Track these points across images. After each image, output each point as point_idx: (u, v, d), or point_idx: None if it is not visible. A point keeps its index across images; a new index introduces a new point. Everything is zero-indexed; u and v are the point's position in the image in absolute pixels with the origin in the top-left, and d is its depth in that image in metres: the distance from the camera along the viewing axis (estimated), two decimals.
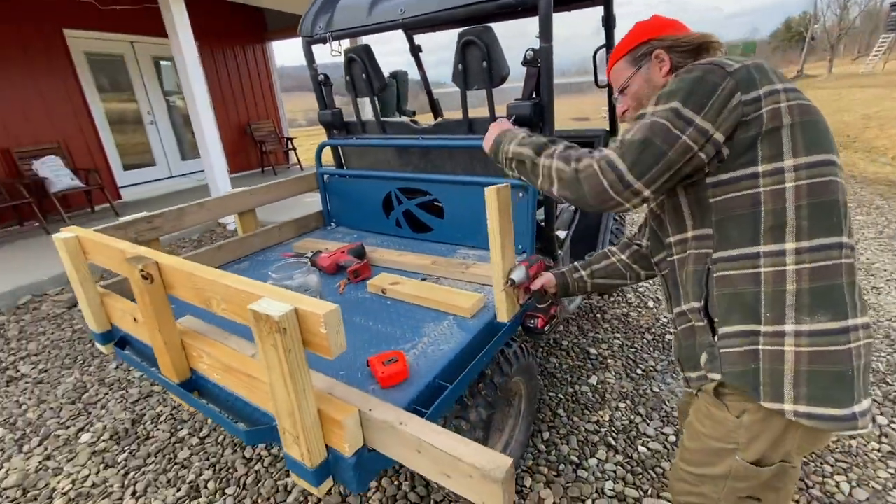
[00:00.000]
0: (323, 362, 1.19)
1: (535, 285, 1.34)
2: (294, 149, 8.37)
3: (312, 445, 0.86)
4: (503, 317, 1.35)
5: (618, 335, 2.65)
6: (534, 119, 1.58)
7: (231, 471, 1.85)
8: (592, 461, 1.81)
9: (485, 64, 1.60)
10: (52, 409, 2.32)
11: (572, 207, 2.19)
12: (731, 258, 0.85)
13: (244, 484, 1.78)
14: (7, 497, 1.79)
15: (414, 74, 2.84)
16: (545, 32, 1.46)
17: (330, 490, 1.71)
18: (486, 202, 1.21)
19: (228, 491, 1.76)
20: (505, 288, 1.30)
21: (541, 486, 1.70)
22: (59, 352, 2.86)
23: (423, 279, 1.58)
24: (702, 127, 0.79)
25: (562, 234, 2.02)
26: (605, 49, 2.25)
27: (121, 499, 1.76)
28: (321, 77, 2.11)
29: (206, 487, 1.79)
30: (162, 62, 6.76)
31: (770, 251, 0.81)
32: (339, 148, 2.29)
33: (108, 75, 6.12)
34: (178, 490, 1.78)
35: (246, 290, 0.86)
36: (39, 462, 1.96)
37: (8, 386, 2.54)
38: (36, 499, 1.78)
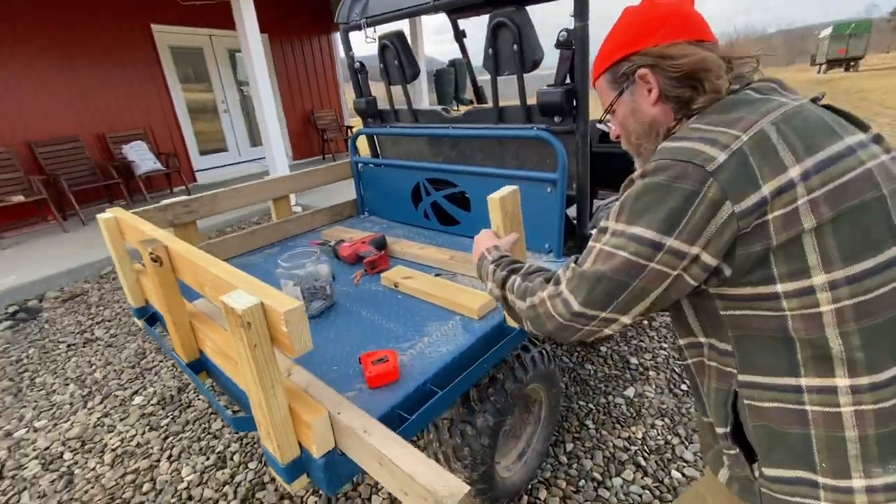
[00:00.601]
0: (319, 353, 1.18)
1: None
2: None
3: (283, 442, 0.84)
4: (512, 321, 1.26)
5: (664, 345, 2.43)
6: (564, 107, 1.45)
7: (255, 446, 1.93)
8: (617, 481, 1.67)
9: (515, 47, 1.48)
10: (115, 371, 2.56)
11: (614, 204, 2.01)
12: (763, 386, 0.64)
13: (265, 461, 1.85)
14: (69, 447, 2.00)
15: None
16: (580, 10, 1.33)
17: None
18: (490, 212, 1.12)
19: (251, 465, 1.84)
20: None
21: (556, 500, 1.60)
22: (128, 319, 3.15)
23: (437, 275, 1.53)
24: (676, 249, 0.60)
25: None
26: None
27: (158, 461, 1.90)
28: (357, 65, 2.10)
29: (231, 459, 1.88)
30: (237, 54, 7.18)
31: (816, 387, 0.60)
32: (375, 136, 2.27)
33: (188, 67, 6.62)
34: (208, 459, 1.89)
35: (226, 279, 0.86)
36: (98, 418, 2.17)
37: (84, 347, 2.84)
38: (90, 451, 1.97)
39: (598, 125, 0.85)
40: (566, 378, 2.23)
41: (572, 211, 1.70)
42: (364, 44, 2.08)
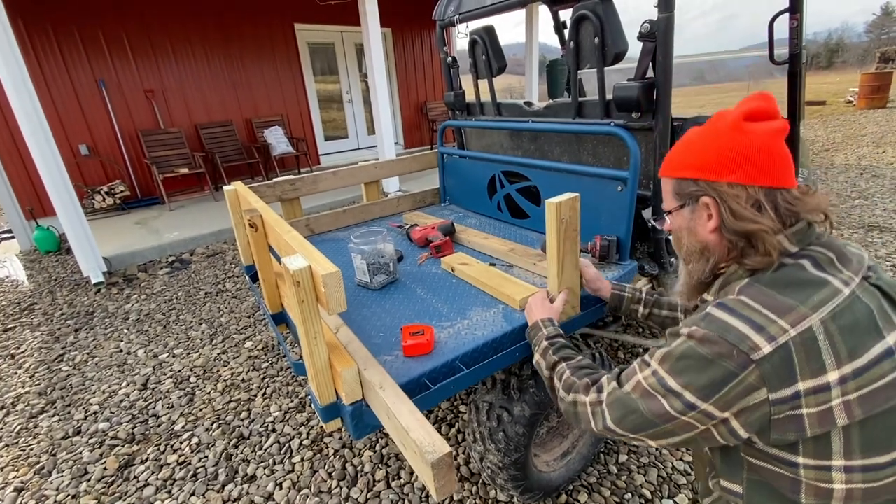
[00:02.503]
0: (372, 319, 1.33)
1: (591, 285, 1.28)
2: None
3: (322, 386, 0.99)
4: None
5: None
6: (642, 102, 1.38)
7: None
8: (667, 503, 1.57)
9: (597, 40, 1.45)
10: (235, 318, 3.08)
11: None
12: None
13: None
14: (195, 373, 2.49)
15: None
16: (665, 0, 1.25)
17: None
18: (546, 215, 1.14)
19: None
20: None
21: None
22: (246, 277, 3.73)
23: (492, 264, 1.58)
24: (709, 412, 0.66)
25: None
26: (787, 14, 1.77)
27: (255, 396, 2.27)
28: (449, 59, 2.21)
29: (310, 406, 2.17)
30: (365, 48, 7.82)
31: None
32: (462, 128, 2.37)
33: (321, 61, 7.40)
34: (292, 401, 2.20)
35: (292, 245, 1.03)
36: (217, 354, 2.65)
37: (216, 295, 3.45)
38: (209, 378, 2.43)
39: (652, 220, 0.87)
40: None
41: (649, 213, 1.62)
42: (460, 39, 2.17)
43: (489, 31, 1.91)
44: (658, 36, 1.30)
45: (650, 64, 1.37)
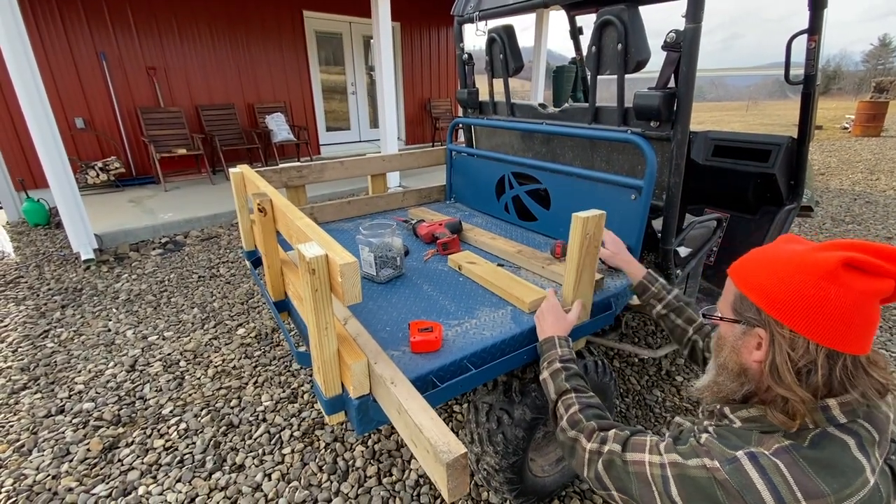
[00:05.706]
0: (378, 313, 1.30)
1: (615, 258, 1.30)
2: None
3: (328, 378, 0.97)
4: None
5: None
6: (662, 112, 1.38)
7: None
8: None
9: (619, 47, 1.44)
10: (228, 304, 3.03)
11: (712, 224, 1.85)
12: None
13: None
14: (185, 357, 2.44)
15: None
16: (694, 11, 1.24)
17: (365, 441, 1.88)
18: (571, 229, 1.14)
19: (317, 406, 2.07)
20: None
21: None
22: (245, 263, 3.68)
23: (500, 265, 1.56)
24: None
25: (683, 251, 1.73)
26: (805, 35, 1.78)
27: (246, 384, 2.23)
28: (465, 56, 2.19)
29: (302, 397, 2.14)
30: (371, 40, 7.76)
31: None
32: (472, 127, 2.35)
33: (327, 50, 7.33)
34: (284, 392, 2.17)
35: (306, 232, 1.00)
36: (209, 339, 2.60)
37: (210, 280, 3.39)
38: (199, 364, 2.38)
39: (704, 315, 0.81)
40: (629, 399, 2.13)
41: (658, 223, 1.62)
42: (475, 37, 2.16)
43: (508, 31, 1.90)
44: (684, 46, 1.29)
45: (672, 74, 1.37)
